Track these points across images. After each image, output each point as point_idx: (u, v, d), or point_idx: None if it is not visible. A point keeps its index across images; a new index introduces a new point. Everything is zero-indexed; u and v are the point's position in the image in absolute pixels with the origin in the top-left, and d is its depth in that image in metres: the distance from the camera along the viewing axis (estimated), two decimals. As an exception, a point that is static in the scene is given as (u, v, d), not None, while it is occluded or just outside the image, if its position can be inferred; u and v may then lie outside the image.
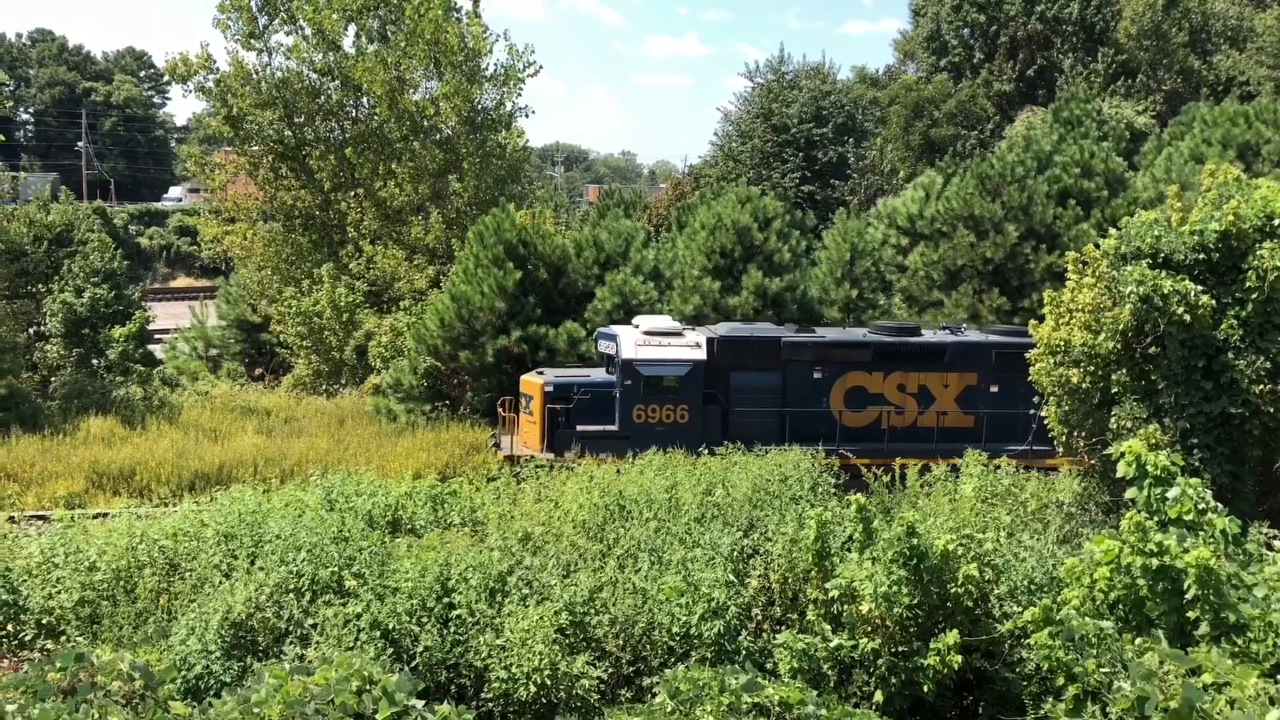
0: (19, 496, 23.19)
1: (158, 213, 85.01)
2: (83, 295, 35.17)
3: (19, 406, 28.30)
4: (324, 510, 14.42)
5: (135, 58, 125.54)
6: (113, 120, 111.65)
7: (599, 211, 37.44)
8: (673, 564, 12.82)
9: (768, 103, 46.94)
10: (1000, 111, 50.34)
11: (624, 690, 11.87)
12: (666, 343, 22.40)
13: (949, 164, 32.50)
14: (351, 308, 33.25)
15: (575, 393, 22.33)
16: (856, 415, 22.83)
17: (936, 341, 23.34)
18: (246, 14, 36.80)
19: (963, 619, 11.74)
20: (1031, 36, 51.08)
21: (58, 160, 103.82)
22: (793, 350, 22.67)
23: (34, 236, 37.20)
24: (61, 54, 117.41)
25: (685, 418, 22.11)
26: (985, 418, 22.74)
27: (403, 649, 11.48)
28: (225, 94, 37.07)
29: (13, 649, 12.65)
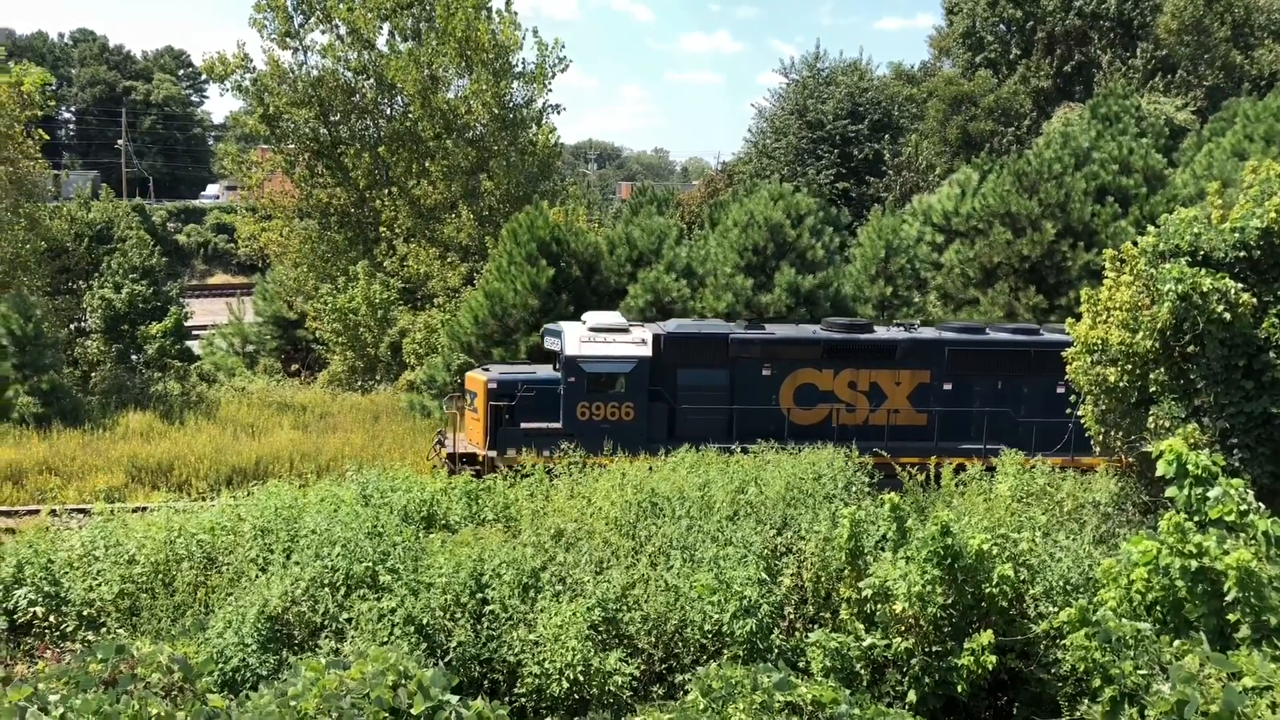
0: (60, 490, 23.56)
1: (195, 210, 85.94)
2: (122, 291, 35.61)
3: (60, 401, 28.70)
4: (359, 505, 14.52)
5: (174, 57, 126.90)
6: (152, 119, 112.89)
7: (631, 209, 37.43)
8: (705, 562, 12.81)
9: (803, 99, 46.73)
10: (1037, 108, 49.86)
11: (656, 687, 11.88)
12: (611, 339, 22.10)
13: (985, 160, 32.23)
14: (386, 305, 33.47)
15: (519, 390, 22.05)
16: (806, 413, 22.59)
17: (887, 338, 23.03)
18: (282, 13, 37.12)
19: (997, 619, 11.66)
20: (1069, 32, 50.54)
21: (98, 158, 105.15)
22: (741, 347, 22.41)
23: (75, 234, 37.73)
24: (103, 53, 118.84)
25: (631, 415, 21.82)
26: (938, 415, 22.55)
27: (436, 644, 11.55)
28: (262, 92, 37.42)
29: (55, 640, 12.84)
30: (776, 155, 46.36)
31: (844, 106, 45.43)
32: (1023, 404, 22.85)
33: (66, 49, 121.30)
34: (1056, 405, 22.88)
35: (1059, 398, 22.93)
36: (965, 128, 46.78)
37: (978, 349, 22.97)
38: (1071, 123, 33.23)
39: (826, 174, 43.92)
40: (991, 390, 22.92)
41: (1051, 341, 23.30)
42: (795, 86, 49.05)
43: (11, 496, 23.27)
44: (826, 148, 44.87)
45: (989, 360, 22.97)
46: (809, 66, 49.55)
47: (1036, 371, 22.97)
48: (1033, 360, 23.02)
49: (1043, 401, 22.89)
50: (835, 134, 44.90)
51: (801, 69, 50.10)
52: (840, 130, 44.89)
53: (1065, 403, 22.81)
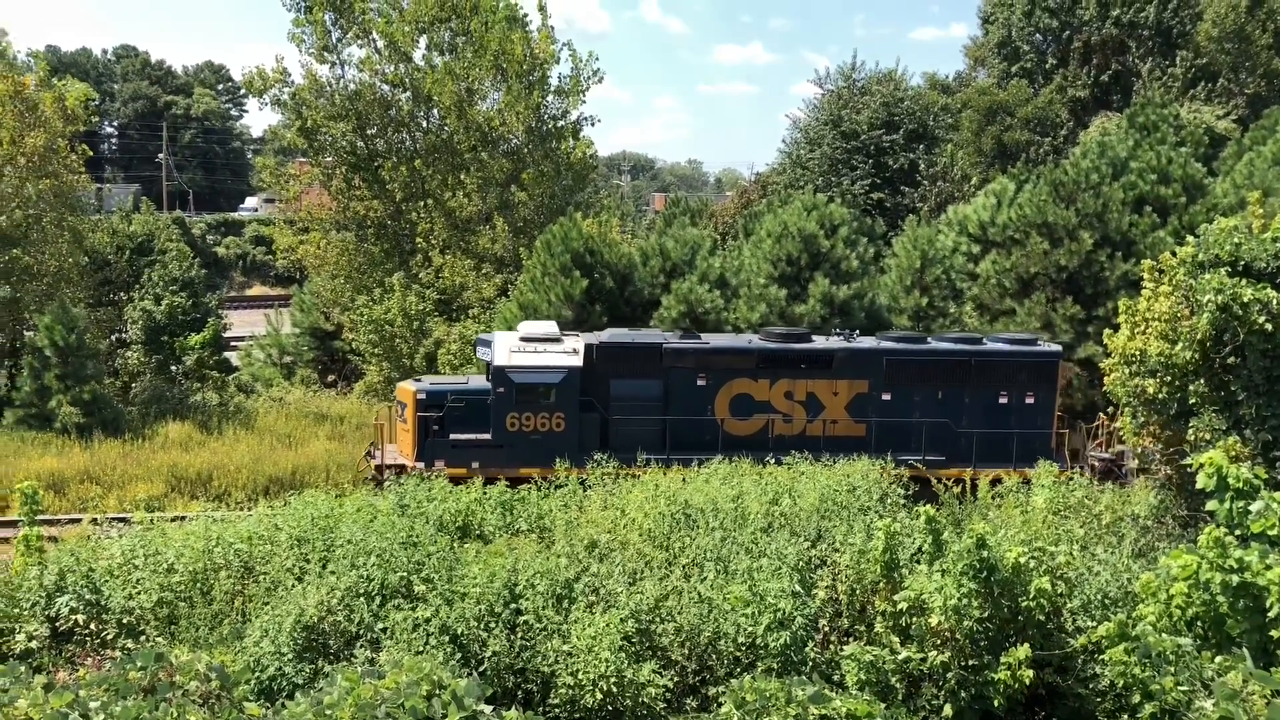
0: (101, 499, 23.87)
1: (234, 222, 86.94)
2: (162, 303, 36.13)
3: (101, 411, 29.09)
4: (395, 515, 14.60)
5: (214, 71, 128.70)
6: (192, 132, 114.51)
7: (665, 220, 37.47)
8: (739, 574, 12.77)
9: (837, 109, 46.60)
10: (1074, 117, 49.44)
11: (689, 699, 11.85)
12: (542, 349, 21.91)
13: (1021, 170, 31.98)
14: (422, 316, 33.69)
15: (449, 400, 21.92)
16: (742, 423, 22.42)
17: (823, 348, 22.83)
18: (320, 28, 37.53)
19: (1034, 633, 11.54)
20: (1106, 41, 50.12)
21: (139, 172, 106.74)
22: (675, 357, 22.27)
23: (116, 246, 38.35)
24: (144, 69, 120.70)
25: (561, 426, 21.60)
26: (875, 426, 22.34)
27: (471, 654, 11.58)
28: (300, 106, 37.84)
29: (95, 647, 12.99)
30: (811, 166, 46.23)
31: (879, 116, 45.24)
32: (964, 415, 22.69)
33: (109, 65, 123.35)
34: (999, 416, 22.75)
35: (1001, 408, 22.81)
36: (1001, 138, 46.47)
37: (916, 359, 22.82)
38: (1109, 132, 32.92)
39: (861, 184, 43.74)
40: (932, 401, 22.77)
41: (994, 352, 23.18)
42: (830, 97, 48.93)
43: (54, 505, 23.59)
44: (861, 158, 44.68)
45: (928, 370, 22.82)
46: (844, 77, 49.45)
47: (979, 382, 22.84)
48: (974, 371, 22.88)
49: (985, 413, 22.76)
50: (870, 144, 44.71)
51: (836, 79, 50.03)
52: (875, 140, 44.70)
53: (1009, 413, 22.80)
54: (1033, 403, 22.90)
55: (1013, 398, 22.89)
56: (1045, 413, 22.97)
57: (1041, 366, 23.05)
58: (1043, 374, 23.03)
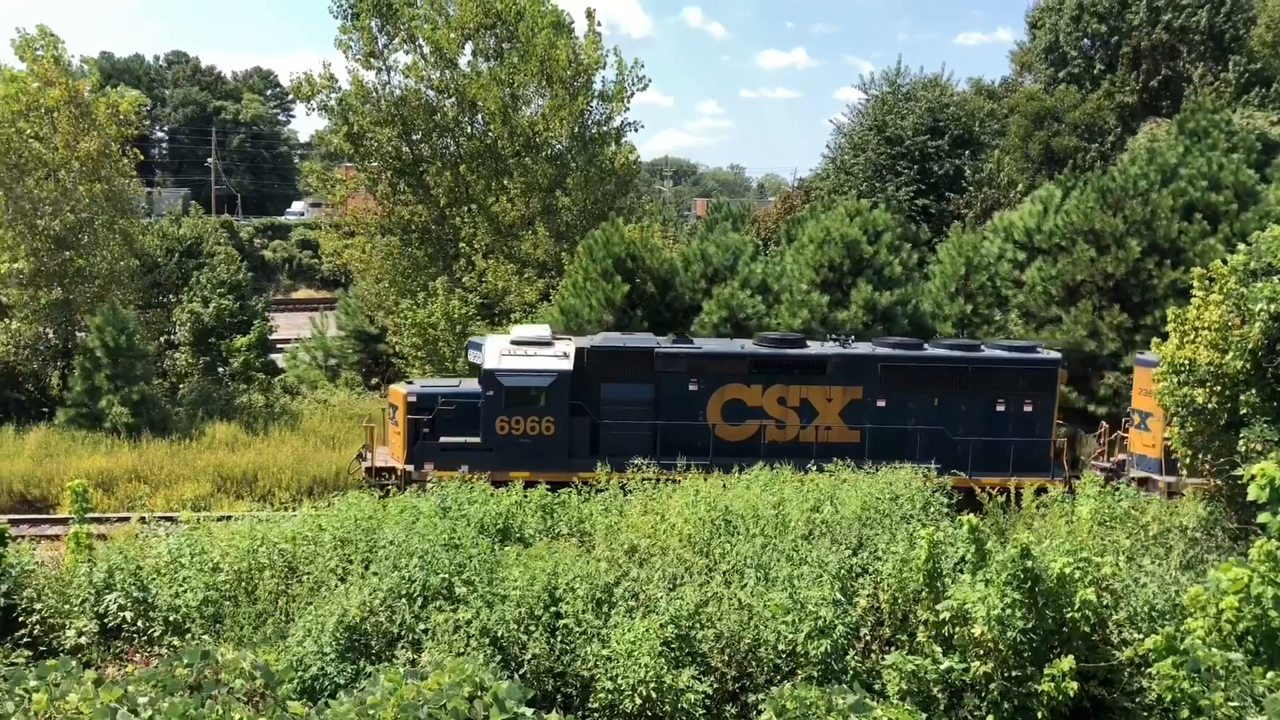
0: (149, 498, 24.22)
1: (281, 226, 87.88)
2: (210, 306, 36.62)
3: (150, 412, 29.53)
4: (437, 517, 14.70)
5: (262, 77, 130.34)
6: (240, 137, 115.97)
7: (707, 225, 37.45)
8: (779, 581, 12.73)
9: (882, 115, 46.33)
10: (1122, 123, 48.79)
11: (729, 706, 11.83)
12: (532, 352, 21.85)
13: (1068, 177, 31.63)
14: (464, 320, 33.86)
15: (439, 403, 21.90)
16: (733, 429, 22.29)
17: (816, 354, 22.65)
18: (367, 34, 37.87)
19: (1079, 645, 11.40)
20: (1156, 46, 49.42)
21: (189, 176, 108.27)
22: (666, 361, 22.16)
23: (166, 249, 38.92)
24: (194, 75, 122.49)
25: (551, 430, 21.55)
26: (869, 433, 22.12)
27: (511, 656, 11.64)
28: (346, 112, 38.19)
29: (143, 644, 13.18)
30: (854, 171, 46.00)
31: (924, 122, 44.93)
32: (960, 422, 22.48)
33: (161, 71, 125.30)
34: (996, 424, 22.46)
35: (999, 416, 22.53)
36: (1048, 143, 45.97)
37: (912, 365, 22.65)
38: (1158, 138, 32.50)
39: (906, 190, 43.43)
40: (927, 408, 22.60)
41: (991, 359, 22.94)
42: (874, 102, 48.65)
43: (103, 503, 23.98)
44: (906, 164, 44.39)
45: (924, 377, 22.64)
46: (889, 82, 49.15)
47: (975, 389, 22.63)
48: (971, 378, 22.66)
49: (981, 420, 22.54)
50: (915, 150, 44.41)
51: (881, 84, 49.74)
52: (920, 146, 44.39)
53: (1006, 421, 22.52)
54: (1031, 410, 22.69)
55: (1010, 405, 22.71)
56: (1044, 421, 22.76)
57: (1040, 374, 22.83)
58: (1041, 382, 22.81)
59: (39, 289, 32.73)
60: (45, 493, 25.21)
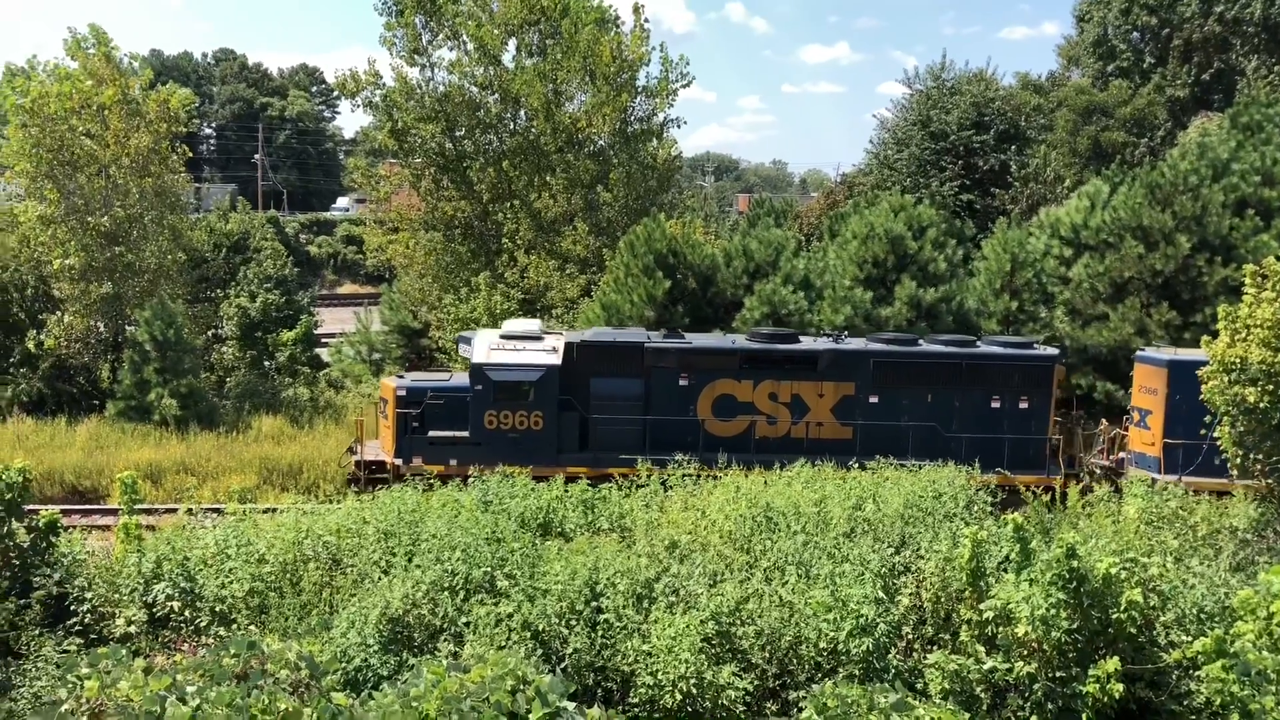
0: (196, 489, 24.56)
1: (326, 222, 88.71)
2: (256, 300, 37.08)
3: (197, 405, 29.96)
4: (479, 511, 14.80)
5: (308, 74, 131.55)
6: (286, 134, 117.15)
7: (749, 220, 37.34)
8: (820, 578, 12.69)
9: (926, 109, 45.89)
10: (1172, 118, 48.06)
11: (769, 703, 11.81)
12: (521, 347, 21.78)
13: (1116, 172, 31.18)
14: (506, 315, 34.03)
15: (428, 397, 21.88)
16: (724, 424, 22.12)
17: (807, 349, 22.47)
18: (411, 31, 38.13)
19: (1125, 646, 11.27)
20: (1208, 38, 48.62)
21: (236, 172, 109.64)
22: (656, 356, 22.04)
23: (214, 244, 39.46)
24: (242, 72, 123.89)
25: (540, 425, 21.48)
26: (862, 429, 21.92)
27: (552, 650, 11.69)
28: (390, 108, 38.48)
29: (190, 634, 13.38)
30: (898, 166, 45.61)
31: (969, 117, 44.44)
32: (954, 418, 22.28)
33: (209, 68, 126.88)
34: (991, 420, 22.18)
35: (994, 413, 22.23)
36: (1097, 138, 45.35)
37: (905, 361, 22.47)
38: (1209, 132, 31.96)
39: (950, 185, 42.99)
40: (921, 404, 22.40)
41: (985, 355, 22.71)
42: (918, 97, 48.21)
43: (151, 495, 24.35)
44: (950, 159, 43.94)
45: (917, 373, 22.45)
46: (933, 76, 48.69)
47: (969, 385, 22.42)
48: (965, 374, 22.44)
49: (976, 416, 22.32)
50: (959, 145, 43.95)
51: (925, 79, 49.29)
52: (965, 141, 43.93)
53: (1001, 418, 22.22)
54: (1026, 407, 22.48)
55: (1005, 402, 22.49)
56: (1040, 417, 22.53)
57: (1036, 371, 22.60)
58: (1037, 378, 22.58)
59: (90, 283, 33.28)
60: (95, 484, 25.64)
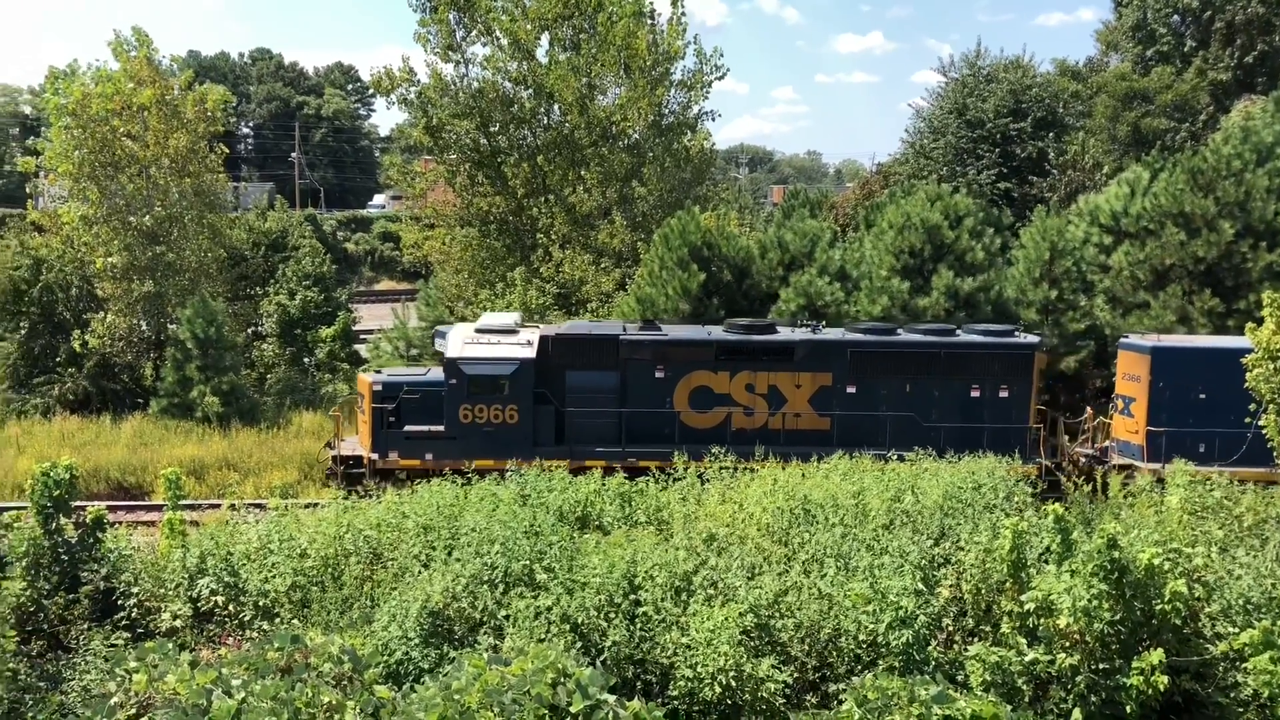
0: (239, 485, 24.85)
1: (363, 219, 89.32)
2: (295, 298, 37.43)
3: (238, 401, 30.30)
4: (516, 505, 14.86)
5: (343, 72, 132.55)
6: (322, 132, 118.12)
7: (784, 212, 37.13)
8: (859, 571, 12.65)
9: (962, 97, 45.44)
10: (1215, 102, 47.30)
11: (809, 696, 11.79)
12: (496, 340, 21.81)
13: (1156, 158, 30.76)
14: (542, 310, 34.13)
15: (403, 392, 21.94)
16: (701, 416, 22.09)
17: (783, 340, 22.34)
18: (445, 27, 38.27)
19: (1170, 638, 11.14)
20: (1251, 20, 47.78)
21: (273, 170, 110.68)
22: (632, 349, 22.02)
23: (253, 242, 39.87)
24: (278, 71, 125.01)
25: (515, 418, 21.49)
26: (840, 420, 21.78)
27: (591, 643, 11.72)
28: (425, 105, 38.66)
29: (234, 628, 13.55)
30: (935, 155, 45.23)
31: (1006, 104, 43.96)
32: (934, 407, 22.13)
33: (246, 68, 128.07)
34: (971, 410, 21.93)
35: (974, 402, 21.96)
36: (1137, 124, 44.73)
37: (882, 350, 22.35)
38: (1253, 116, 31.41)
39: (987, 174, 42.59)
40: (899, 393, 22.30)
41: (964, 343, 22.55)
42: (954, 85, 47.78)
43: (195, 490, 24.68)
44: (987, 147, 43.51)
45: (895, 362, 22.32)
46: (969, 64, 48.22)
47: (949, 374, 22.27)
48: (944, 362, 22.28)
49: (956, 406, 22.16)
50: (996, 133, 43.50)
51: (961, 67, 48.83)
52: (1002, 129, 43.48)
53: (981, 407, 21.95)
54: (1007, 396, 22.27)
55: (985, 390, 22.30)
56: (1021, 406, 22.33)
57: (1016, 358, 22.40)
58: (1017, 366, 22.37)
59: (132, 282, 33.75)
60: (140, 480, 26.02)
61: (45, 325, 33.30)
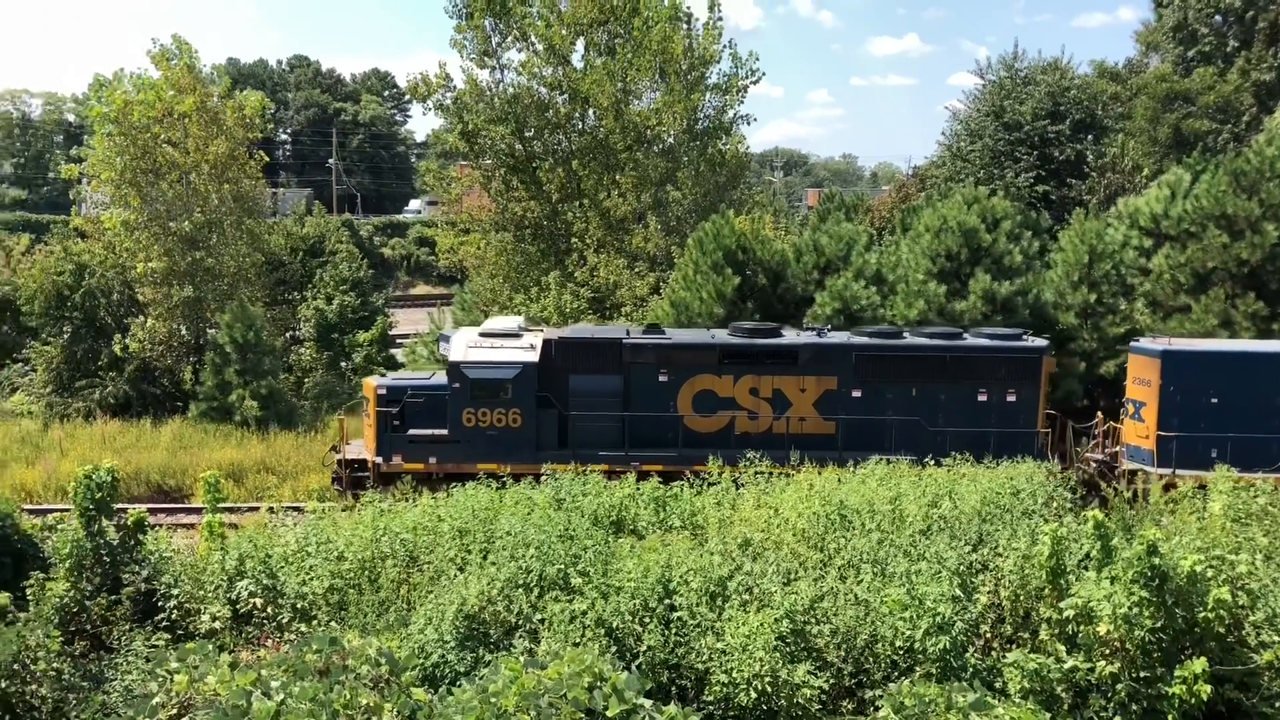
0: (277, 488, 25.10)
1: (399, 224, 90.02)
2: (333, 302, 37.75)
3: (277, 405, 30.59)
4: (551, 509, 14.90)
5: (380, 79, 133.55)
6: (359, 138, 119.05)
7: (819, 215, 37.03)
8: (896, 576, 12.56)
9: (999, 100, 45.13)
10: (1258, 102, 46.66)
11: (845, 702, 11.73)
12: (499, 344, 21.74)
13: (1198, 160, 30.37)
14: (576, 314, 34.22)
15: (407, 396, 21.91)
16: (704, 420, 21.88)
17: (787, 343, 22.16)
18: (481, 33, 38.49)
19: (1213, 646, 10.99)
20: (1295, 20, 47.13)
21: (311, 176, 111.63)
22: (635, 352, 21.89)
23: (291, 248, 40.27)
24: (316, 78, 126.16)
25: (518, 422, 21.41)
26: (845, 424, 21.56)
27: (626, 647, 11.71)
28: (461, 110, 38.90)
29: (273, 630, 13.66)
30: (971, 158, 44.92)
31: (1044, 106, 43.58)
32: (940, 412, 21.84)
33: (284, 74, 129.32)
34: (978, 414, 21.66)
35: (981, 406, 21.66)
36: (1177, 126, 44.20)
37: (888, 354, 22.11)
38: (1297, 117, 30.97)
39: (1025, 177, 42.23)
40: (905, 397, 22.01)
41: (971, 347, 22.25)
42: (991, 87, 47.44)
43: (234, 494, 24.91)
44: (1025, 149, 43.15)
45: (901, 366, 22.08)
46: (1006, 66, 47.86)
47: (956, 379, 21.97)
48: (951, 367, 22.00)
49: (963, 410, 21.85)
50: (1034, 135, 43.13)
51: (998, 69, 48.48)
52: (1040, 131, 43.10)
53: (989, 411, 21.63)
54: (1014, 400, 21.96)
55: (993, 395, 22.00)
56: (1029, 411, 21.99)
57: (1024, 362, 22.08)
58: (1026, 370, 22.05)
59: (172, 287, 34.17)
60: (180, 483, 26.31)
61: (88, 330, 33.79)
